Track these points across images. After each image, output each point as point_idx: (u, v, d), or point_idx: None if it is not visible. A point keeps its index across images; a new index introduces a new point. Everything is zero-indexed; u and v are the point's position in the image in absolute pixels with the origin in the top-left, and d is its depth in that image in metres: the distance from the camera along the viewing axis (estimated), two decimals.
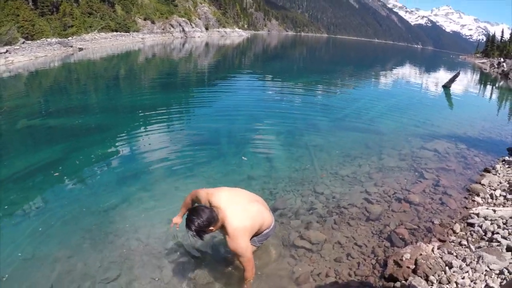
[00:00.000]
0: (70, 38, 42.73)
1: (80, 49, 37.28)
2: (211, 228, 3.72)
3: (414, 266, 4.53)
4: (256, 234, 4.31)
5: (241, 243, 3.81)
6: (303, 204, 6.79)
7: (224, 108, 15.41)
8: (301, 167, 8.47)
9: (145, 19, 66.55)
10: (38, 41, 36.73)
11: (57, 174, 8.62)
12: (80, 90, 20.64)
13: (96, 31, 49.27)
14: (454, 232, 5.61)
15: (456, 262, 4.51)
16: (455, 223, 5.87)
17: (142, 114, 14.26)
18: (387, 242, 5.45)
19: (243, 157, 8.95)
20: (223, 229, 3.93)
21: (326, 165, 8.60)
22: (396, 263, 4.65)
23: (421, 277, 4.35)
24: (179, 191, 7.40)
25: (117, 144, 10.70)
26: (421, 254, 4.69)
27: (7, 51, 29.57)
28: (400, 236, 5.50)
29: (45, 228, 6.52)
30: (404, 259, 4.65)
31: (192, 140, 10.81)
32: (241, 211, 4.00)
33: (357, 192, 7.13)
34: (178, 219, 5.08)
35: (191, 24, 77.21)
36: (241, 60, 38.42)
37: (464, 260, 4.61)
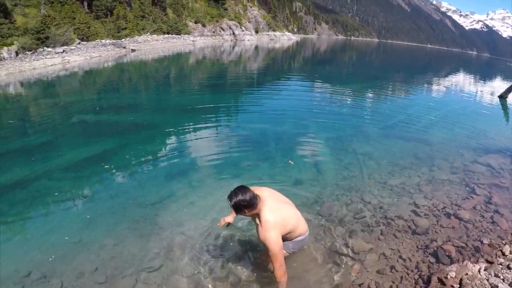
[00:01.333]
0: (123, 39, 44.02)
1: (133, 50, 38.31)
2: (246, 210, 3.96)
3: (458, 286, 4.41)
4: (289, 239, 4.39)
5: (271, 235, 3.91)
6: (350, 212, 6.76)
7: (273, 110, 15.52)
8: (349, 175, 8.42)
9: (195, 22, 67.58)
10: (93, 42, 38.11)
11: (107, 166, 8.96)
12: (132, 89, 21.26)
13: (148, 33, 50.43)
14: (503, 254, 5.37)
15: (502, 286, 4.35)
16: (505, 245, 5.63)
17: (191, 113, 14.52)
18: (432, 258, 5.33)
19: (290, 161, 8.97)
20: (257, 218, 4.10)
21: (374, 173, 8.49)
22: (440, 280, 4.55)
23: None
24: (224, 189, 7.50)
25: (165, 141, 10.96)
26: (466, 274, 4.56)
27: (63, 51, 30.85)
28: (447, 253, 5.36)
29: (93, 216, 6.81)
30: (448, 277, 4.53)
31: (240, 140, 10.93)
32: (277, 207, 4.17)
33: (405, 204, 7.01)
34: (230, 219, 5.19)
35: (241, 28, 77.57)
36: (290, 63, 38.36)
37: (511, 284, 4.44)
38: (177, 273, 5.24)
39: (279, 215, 4.10)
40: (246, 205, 3.93)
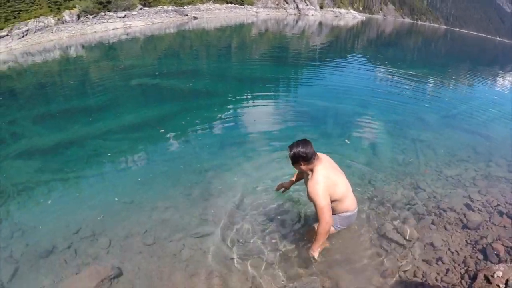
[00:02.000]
0: (185, 7, 43.92)
1: (195, 18, 38.39)
2: (302, 162, 4.16)
3: (504, 286, 4.39)
4: (336, 210, 4.48)
5: (319, 189, 4.05)
6: (403, 197, 6.79)
7: (333, 87, 15.41)
8: (404, 160, 8.40)
9: None
10: (155, 8, 38.22)
11: (163, 131, 9.30)
12: (192, 56, 21.48)
13: (211, 1, 50.22)
14: None
15: None
16: None
17: (250, 84, 14.62)
18: (480, 254, 5.31)
19: (346, 140, 8.98)
20: (311, 173, 4.26)
21: (431, 161, 8.41)
22: (486, 278, 4.55)
23: None
24: (277, 162, 7.73)
25: (223, 110, 11.13)
26: None
27: (125, 16, 31.27)
28: (496, 252, 5.33)
29: (146, 178, 7.11)
30: (495, 276, 4.50)
31: (297, 114, 10.99)
32: (331, 170, 4.36)
33: (459, 196, 6.93)
34: (287, 185, 5.40)
35: (305, 2, 76.11)
36: (354, 43, 37.54)
37: None
38: (224, 241, 5.48)
39: (332, 176, 4.26)
40: (304, 157, 4.10)
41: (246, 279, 4.81)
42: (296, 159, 4.16)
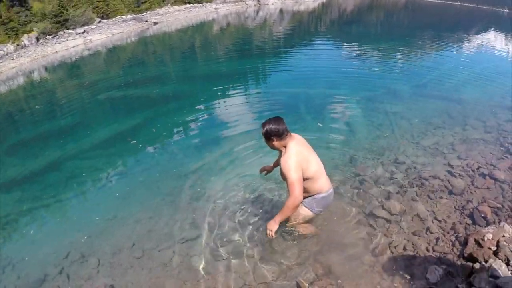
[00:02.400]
0: (144, 13, 43.31)
1: (155, 23, 37.90)
2: (274, 139, 4.18)
3: (495, 248, 4.39)
4: (310, 191, 4.44)
5: (290, 163, 4.06)
6: (384, 172, 6.78)
7: (301, 74, 15.40)
8: (381, 135, 8.41)
9: None
10: (113, 19, 37.54)
11: (136, 141, 9.27)
12: (157, 62, 21.31)
13: (169, 4, 49.84)
14: None
15: None
16: None
17: (218, 81, 14.54)
18: (468, 219, 5.31)
19: (319, 124, 8.93)
20: (284, 150, 4.27)
21: (407, 133, 8.44)
22: (477, 242, 4.54)
23: (502, 260, 4.20)
24: (256, 156, 7.66)
25: (194, 111, 11.05)
26: (503, 236, 4.51)
27: (84, 31, 30.73)
28: (482, 215, 5.34)
29: (126, 192, 7.04)
30: (485, 239, 4.50)
31: (270, 105, 10.96)
32: (304, 147, 4.37)
33: (439, 164, 6.94)
34: (269, 168, 5.33)
35: None
36: (316, 26, 37.56)
37: None
38: (213, 242, 5.39)
39: (304, 152, 4.28)
40: (276, 133, 4.12)
41: (239, 277, 4.74)
42: (269, 136, 4.19)
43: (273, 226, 4.32)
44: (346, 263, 4.70)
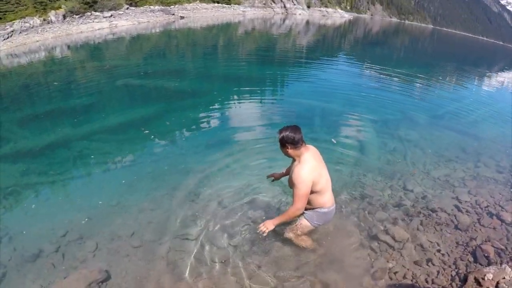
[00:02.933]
0: (172, 6, 43.67)
1: (182, 17, 38.24)
2: (289, 147, 4.24)
3: None
4: (313, 204, 4.52)
5: (302, 174, 4.15)
6: (391, 198, 6.77)
7: (320, 87, 15.41)
8: (393, 160, 8.38)
9: None
10: (141, 7, 37.96)
11: (149, 131, 9.25)
12: (179, 56, 21.42)
13: (198, 1, 50.08)
14: None
15: None
16: None
17: (236, 84, 14.59)
18: (470, 256, 5.29)
19: (333, 140, 8.92)
20: (297, 160, 4.34)
21: (419, 162, 8.39)
22: (476, 281, 4.53)
23: None
24: (265, 162, 7.68)
25: (209, 110, 11.08)
26: (504, 278, 4.49)
27: (111, 15, 31.11)
28: (485, 254, 5.31)
29: (133, 180, 7.02)
30: (486, 278, 4.49)
31: (285, 114, 10.96)
32: (318, 161, 4.42)
33: (448, 197, 6.92)
34: (277, 175, 5.33)
35: (292, 1, 76.13)
36: (341, 42, 37.66)
37: None
38: (212, 244, 5.39)
39: (317, 167, 4.33)
40: (291, 141, 4.18)
41: (235, 282, 4.75)
42: (284, 142, 4.24)
43: (269, 225, 4.46)
44: (345, 282, 4.70)
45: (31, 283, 4.80)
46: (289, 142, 4.20)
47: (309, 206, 4.48)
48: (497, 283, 4.39)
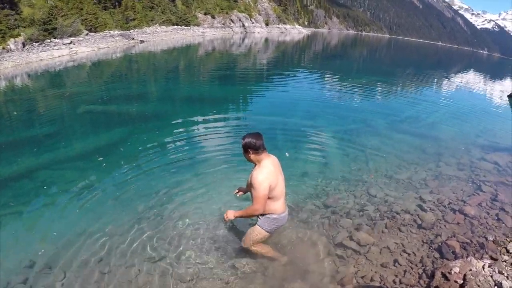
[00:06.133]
0: (131, 30, 43.90)
1: (142, 41, 38.31)
2: (250, 152, 4.48)
3: (462, 281, 4.40)
4: (266, 210, 4.62)
5: (261, 178, 4.35)
6: (355, 204, 6.78)
7: (281, 102, 15.55)
8: (355, 168, 8.43)
9: (205, 14, 67.12)
10: (101, 33, 38.00)
11: (111, 157, 9.10)
12: (140, 80, 21.40)
13: (157, 24, 50.32)
14: (508, 251, 5.34)
15: (506, 283, 4.31)
16: (509, 242, 5.60)
17: (199, 104, 14.60)
18: (436, 253, 5.34)
19: (286, 154, 8.94)
20: (257, 165, 4.57)
21: (381, 167, 8.48)
22: (444, 275, 4.54)
23: None
24: (229, 180, 7.61)
25: (172, 132, 11.02)
26: (470, 270, 4.54)
27: (71, 42, 31.02)
28: (451, 249, 5.37)
29: (98, 207, 6.89)
30: (452, 272, 4.52)
31: (246, 131, 10.86)
32: (277, 170, 4.62)
33: (411, 198, 7.00)
34: (243, 189, 5.44)
35: (251, 20, 77.01)
36: (300, 57, 38.20)
37: None
38: (180, 263, 5.30)
39: (275, 173, 4.52)
40: (253, 146, 4.41)
41: None
42: (247, 148, 4.46)
43: (231, 214, 4.89)
44: None
45: None
46: (251, 148, 4.42)
47: (262, 211, 4.58)
48: (464, 275, 4.40)
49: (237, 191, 5.56)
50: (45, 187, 7.88)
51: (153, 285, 4.95)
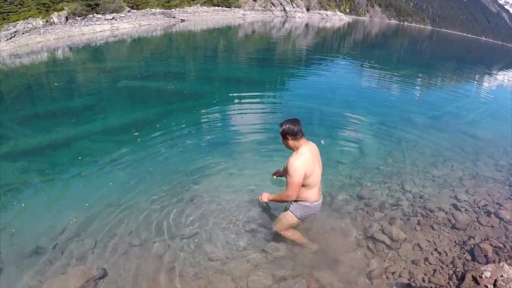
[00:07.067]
0: (173, 9, 43.88)
1: (182, 20, 38.37)
2: (289, 138, 4.45)
3: (492, 287, 4.33)
4: (300, 197, 4.64)
5: (296, 164, 4.37)
6: (389, 198, 6.75)
7: (319, 89, 15.43)
8: (391, 161, 8.35)
9: None
10: (142, 10, 38.17)
11: (148, 132, 9.23)
12: (179, 58, 21.52)
13: (198, 4, 50.22)
14: None
15: None
16: None
17: (237, 85, 14.61)
18: (468, 255, 5.27)
19: (322, 141, 8.88)
20: (295, 151, 4.53)
21: (417, 162, 8.37)
22: (474, 279, 4.49)
23: None
24: (263, 163, 7.66)
25: (208, 112, 11.08)
26: (502, 276, 4.44)
27: (113, 18, 31.42)
28: (483, 252, 5.30)
29: (132, 180, 7.06)
30: (483, 276, 4.45)
31: (284, 116, 10.84)
32: (314, 158, 4.60)
33: (446, 196, 6.90)
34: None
35: (292, 4, 76.02)
36: (340, 44, 37.62)
37: None
38: (210, 242, 5.40)
39: (312, 160, 4.50)
40: (291, 132, 4.39)
41: (232, 280, 4.75)
42: (285, 134, 4.44)
43: (265, 197, 5.05)
44: (340, 282, 4.69)
45: (29, 279, 4.83)
46: (289, 134, 4.40)
47: (295, 198, 4.61)
48: (495, 281, 4.33)
49: (274, 173, 5.61)
50: (80, 157, 8.09)
51: (181, 262, 5.08)
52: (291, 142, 4.48)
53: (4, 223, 5.84)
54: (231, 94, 13.25)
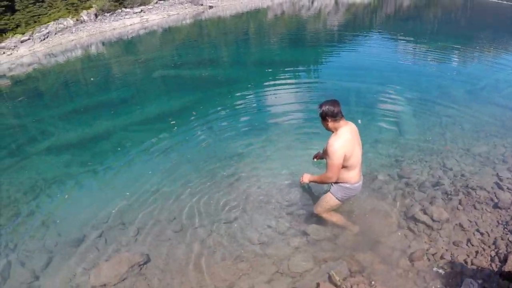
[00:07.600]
0: None
1: (210, 7, 38.14)
2: (329, 120, 4.45)
3: None
4: (340, 178, 4.67)
5: (336, 145, 4.38)
6: (430, 177, 6.65)
7: (353, 66, 15.19)
8: (430, 138, 8.18)
9: None
10: (170, 0, 38.19)
11: (185, 120, 9.53)
12: (211, 45, 21.58)
13: None
14: None
15: None
16: None
17: (270, 68, 14.55)
18: (511, 235, 5.10)
19: (359, 120, 8.72)
20: (335, 132, 4.53)
21: (458, 139, 8.14)
22: None
23: None
24: (303, 145, 7.68)
25: (243, 96, 11.15)
26: None
27: (141, 10, 31.81)
28: None
29: (172, 167, 7.34)
30: None
31: (319, 96, 10.81)
32: (354, 139, 4.61)
33: (488, 175, 6.66)
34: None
35: None
36: (372, 20, 36.78)
37: None
38: (250, 226, 5.56)
39: (352, 141, 4.51)
40: (331, 114, 4.39)
41: (273, 263, 4.86)
42: (324, 115, 4.45)
43: (306, 178, 5.08)
44: (381, 264, 4.73)
45: (76, 266, 5.10)
46: (328, 115, 4.41)
47: (336, 180, 4.64)
48: None
49: (315, 155, 5.65)
50: (120, 148, 8.38)
51: (223, 246, 5.25)
52: (330, 124, 4.48)
53: (49, 214, 6.21)
54: (265, 77, 13.23)
